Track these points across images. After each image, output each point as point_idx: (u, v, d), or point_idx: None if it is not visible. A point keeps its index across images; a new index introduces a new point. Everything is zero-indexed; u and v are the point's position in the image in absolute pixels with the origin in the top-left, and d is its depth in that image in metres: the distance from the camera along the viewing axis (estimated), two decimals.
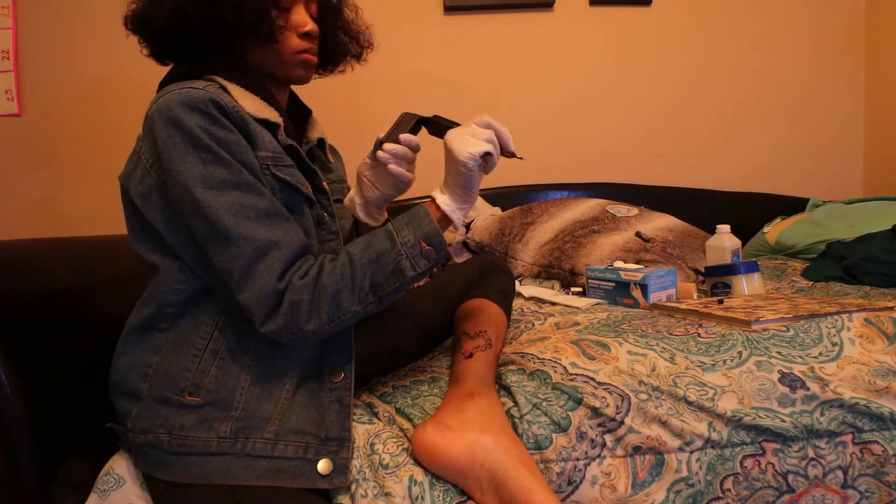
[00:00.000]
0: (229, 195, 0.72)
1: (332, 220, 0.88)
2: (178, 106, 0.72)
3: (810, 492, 0.79)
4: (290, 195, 0.80)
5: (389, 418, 0.83)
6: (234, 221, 0.71)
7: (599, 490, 0.77)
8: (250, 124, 0.77)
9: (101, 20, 1.98)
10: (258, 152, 0.77)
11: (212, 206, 0.71)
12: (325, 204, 0.88)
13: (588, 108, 2.19)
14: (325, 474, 0.72)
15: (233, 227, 0.71)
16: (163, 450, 0.74)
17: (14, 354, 0.76)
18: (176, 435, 0.73)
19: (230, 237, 0.71)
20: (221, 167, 0.72)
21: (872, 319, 0.92)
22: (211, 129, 0.72)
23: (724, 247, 1.37)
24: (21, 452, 0.75)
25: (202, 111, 0.72)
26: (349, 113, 2.01)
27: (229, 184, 0.72)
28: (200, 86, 0.74)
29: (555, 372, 0.84)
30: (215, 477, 0.72)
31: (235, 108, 0.75)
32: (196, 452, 0.73)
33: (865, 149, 2.29)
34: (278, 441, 0.73)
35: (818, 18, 2.22)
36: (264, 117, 0.79)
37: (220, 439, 0.73)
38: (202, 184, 0.71)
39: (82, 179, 2.03)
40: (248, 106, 0.78)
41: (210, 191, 0.71)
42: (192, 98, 0.72)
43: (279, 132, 0.81)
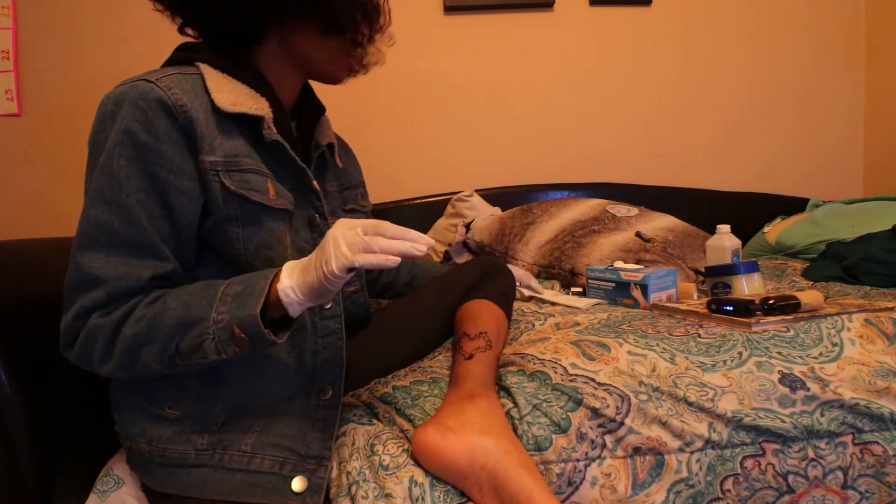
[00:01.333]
0: (96, 209, 0.69)
1: (325, 222, 0.84)
2: (122, 98, 0.70)
3: (810, 492, 0.79)
4: (240, 205, 0.74)
5: (389, 419, 0.83)
6: (82, 241, 0.69)
7: (599, 491, 0.77)
8: (200, 126, 0.72)
9: (101, 20, 1.97)
10: (203, 157, 0.72)
11: (82, 217, 0.70)
12: (317, 205, 0.83)
13: (588, 108, 2.19)
14: (299, 492, 0.71)
15: (77, 248, 0.69)
16: (144, 458, 0.74)
17: (14, 354, 0.76)
18: (155, 445, 0.73)
19: (73, 256, 0.70)
20: (105, 179, 0.69)
21: (873, 320, 0.92)
22: (135, 129, 0.69)
23: (724, 247, 1.37)
24: (21, 453, 0.75)
25: (140, 109, 0.69)
26: (348, 113, 2.01)
27: (104, 199, 0.69)
28: (159, 76, 0.72)
29: (555, 373, 0.84)
30: (192, 489, 0.71)
31: (184, 107, 0.71)
32: (174, 464, 0.72)
33: (865, 149, 2.28)
34: (255, 454, 0.73)
35: (818, 18, 2.22)
36: (241, 111, 0.75)
37: (197, 451, 0.72)
38: (91, 188, 0.70)
39: (82, 179, 2.02)
40: (223, 99, 0.75)
41: (89, 200, 0.70)
42: (138, 93, 0.70)
43: (263, 126, 0.77)
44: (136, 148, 0.69)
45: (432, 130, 2.14)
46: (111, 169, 0.69)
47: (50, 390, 0.81)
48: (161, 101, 0.70)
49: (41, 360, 0.80)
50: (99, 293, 0.68)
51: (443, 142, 2.15)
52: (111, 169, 0.69)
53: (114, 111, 0.70)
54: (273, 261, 0.76)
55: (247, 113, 0.76)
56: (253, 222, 0.76)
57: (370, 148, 2.09)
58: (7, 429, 0.75)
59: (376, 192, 2.07)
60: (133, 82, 0.71)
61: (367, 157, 1.20)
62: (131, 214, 0.69)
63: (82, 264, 0.68)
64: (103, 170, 0.69)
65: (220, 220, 0.74)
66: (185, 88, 0.73)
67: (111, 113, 0.70)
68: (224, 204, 0.73)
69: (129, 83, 0.71)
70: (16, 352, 0.77)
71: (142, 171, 0.69)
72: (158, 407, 0.74)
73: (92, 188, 0.70)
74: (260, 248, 0.76)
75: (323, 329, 0.82)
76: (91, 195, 0.70)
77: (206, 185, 0.73)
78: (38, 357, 0.80)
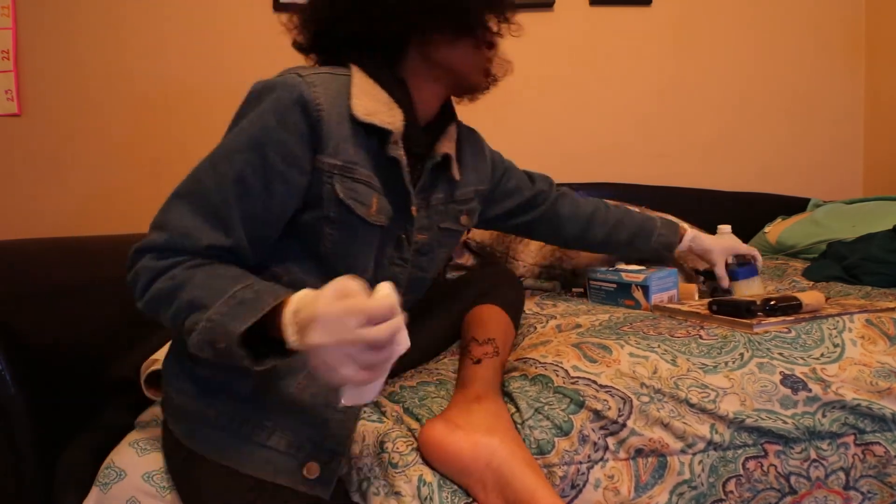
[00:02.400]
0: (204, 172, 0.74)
1: (409, 247, 0.85)
2: (268, 88, 0.74)
3: (812, 493, 0.79)
4: (342, 210, 0.77)
5: (397, 417, 0.83)
6: (180, 190, 0.73)
7: (603, 493, 0.77)
8: (330, 127, 0.75)
9: (101, 20, 1.97)
10: (324, 157, 0.75)
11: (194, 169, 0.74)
12: (408, 229, 0.85)
13: (588, 108, 2.19)
14: (310, 478, 0.72)
15: (174, 194, 0.73)
16: (175, 408, 0.77)
17: (16, 352, 0.76)
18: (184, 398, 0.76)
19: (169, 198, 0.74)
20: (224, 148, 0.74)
21: (874, 320, 0.92)
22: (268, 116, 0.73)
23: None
24: (24, 447, 0.76)
25: (280, 100, 0.73)
26: None
27: (213, 163, 0.74)
28: (309, 72, 0.76)
29: (556, 375, 0.84)
30: (213, 451, 0.72)
31: (319, 107, 0.74)
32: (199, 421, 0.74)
33: (865, 149, 2.28)
34: (275, 431, 0.73)
35: (818, 18, 2.22)
36: (373, 122, 0.77)
37: (218, 414, 0.74)
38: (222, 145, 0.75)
39: (82, 180, 2.03)
40: (361, 106, 0.77)
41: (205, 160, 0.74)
42: (284, 85, 0.74)
43: (390, 139, 0.79)
44: (262, 129, 0.73)
45: None
46: (232, 141, 0.74)
47: (51, 386, 0.81)
48: (301, 96, 0.73)
49: (43, 358, 0.81)
50: (160, 237, 0.71)
51: None
52: (232, 141, 0.74)
53: (259, 96, 0.75)
54: (355, 267, 0.79)
55: (377, 125, 0.78)
56: (348, 229, 0.79)
57: None
58: (10, 424, 0.75)
59: None
60: (283, 75, 0.76)
61: None
62: (225, 186, 0.73)
63: (168, 208, 0.73)
64: (229, 141, 0.74)
65: (320, 218, 0.77)
66: (328, 89, 0.76)
67: (256, 98, 0.75)
68: (329, 205, 0.77)
69: (280, 75, 0.76)
70: (18, 350, 0.77)
71: (258, 152, 0.73)
72: (193, 363, 0.77)
73: (213, 153, 0.75)
74: (348, 252, 0.80)
75: None
76: (209, 158, 0.74)
77: (318, 183, 0.76)
78: (39, 355, 0.80)
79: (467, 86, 0.90)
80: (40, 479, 0.77)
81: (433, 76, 0.85)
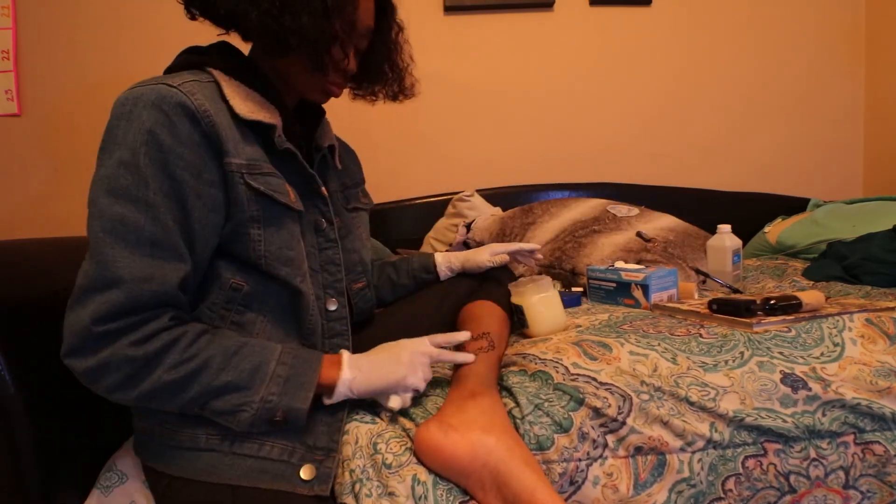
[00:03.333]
0: (122, 206, 0.67)
1: (331, 227, 0.87)
2: (141, 100, 0.69)
3: (812, 492, 0.79)
4: (265, 206, 0.76)
5: (392, 417, 0.83)
6: (104, 238, 0.66)
7: (601, 490, 0.77)
8: (223, 131, 0.73)
9: (101, 20, 1.97)
10: (230, 159, 0.73)
11: (98, 214, 0.67)
12: (324, 210, 0.87)
13: (588, 108, 2.19)
14: (307, 480, 0.72)
15: (98, 244, 0.67)
16: (156, 440, 0.75)
17: (16, 353, 0.76)
18: (168, 428, 0.74)
19: (92, 252, 0.67)
20: (130, 175, 0.67)
21: (874, 320, 0.92)
22: (158, 131, 0.68)
23: (724, 247, 1.38)
24: (24, 449, 0.76)
25: (163, 112, 0.69)
26: (349, 113, 2.01)
27: (129, 195, 0.67)
28: (179, 81, 0.72)
29: (556, 372, 0.84)
30: (202, 473, 0.72)
31: (207, 113, 0.71)
32: (185, 447, 0.73)
33: (865, 149, 2.29)
34: (265, 442, 0.73)
35: (818, 18, 2.22)
36: (257, 119, 0.77)
37: (208, 436, 0.73)
38: (106, 185, 0.68)
39: (82, 179, 2.02)
40: (240, 106, 0.76)
41: (107, 196, 0.67)
42: (160, 97, 0.69)
43: (275, 134, 0.79)
44: (159, 149, 0.68)
45: (433, 130, 2.14)
46: (137, 167, 0.68)
47: (52, 388, 0.81)
48: (184, 106, 0.70)
49: (43, 360, 0.81)
50: (118, 295, 0.66)
51: (443, 142, 2.15)
52: (137, 167, 0.68)
53: (131, 111, 0.69)
54: (293, 261, 0.78)
55: (262, 121, 0.78)
56: (274, 223, 0.77)
57: (371, 148, 2.09)
58: (10, 426, 0.75)
59: (377, 191, 2.07)
60: (152, 85, 0.70)
61: (368, 157, 1.20)
62: (159, 213, 0.68)
63: (106, 262, 0.66)
64: (127, 167, 0.68)
65: (242, 223, 0.75)
66: (206, 95, 0.73)
67: (128, 113, 0.69)
68: (248, 205, 0.75)
69: (148, 85, 0.70)
70: (18, 350, 0.77)
71: (164, 172, 0.69)
72: None
73: (112, 185, 0.68)
74: (281, 249, 0.78)
75: (329, 331, 0.85)
76: (110, 192, 0.67)
77: (231, 187, 0.74)
78: (39, 356, 0.80)
79: (306, 98, 0.89)
80: (41, 480, 0.77)
81: (278, 73, 0.85)
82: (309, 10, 0.75)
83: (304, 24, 0.75)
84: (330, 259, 0.86)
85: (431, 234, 1.98)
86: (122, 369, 0.66)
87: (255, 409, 0.70)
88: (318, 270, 0.85)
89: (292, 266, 0.78)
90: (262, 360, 0.72)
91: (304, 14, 0.74)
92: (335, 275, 0.87)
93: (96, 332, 0.65)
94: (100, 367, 0.66)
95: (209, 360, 0.69)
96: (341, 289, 0.87)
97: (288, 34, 0.75)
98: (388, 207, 2.08)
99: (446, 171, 2.15)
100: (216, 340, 0.71)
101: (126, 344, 0.66)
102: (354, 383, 0.75)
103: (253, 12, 0.74)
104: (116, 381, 0.67)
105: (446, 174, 2.15)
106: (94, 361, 0.66)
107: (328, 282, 0.86)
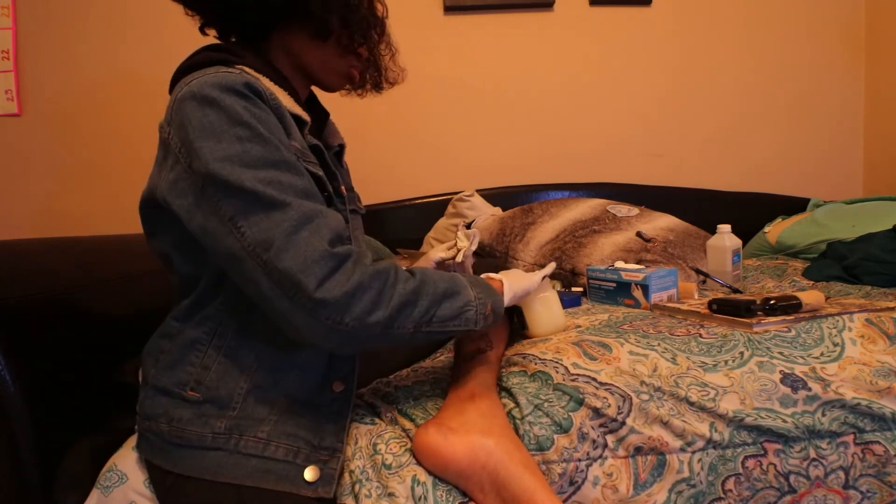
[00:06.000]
0: (267, 172, 0.67)
1: (347, 225, 0.86)
2: (213, 87, 0.68)
3: (812, 492, 0.79)
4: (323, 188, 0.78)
5: (392, 419, 0.83)
6: (275, 193, 0.66)
7: (601, 491, 0.77)
8: (285, 114, 0.75)
9: (101, 20, 1.97)
10: (292, 142, 0.74)
11: (248, 181, 0.65)
12: (342, 209, 0.86)
13: (588, 108, 2.19)
14: (311, 482, 0.72)
15: (275, 195, 0.66)
16: (162, 438, 0.75)
17: (16, 354, 0.76)
18: (175, 426, 0.74)
19: (273, 203, 0.65)
20: (259, 144, 0.68)
21: (874, 320, 0.92)
22: (250, 107, 0.69)
23: (724, 246, 1.38)
24: (24, 449, 0.76)
25: (239, 92, 0.69)
26: (349, 112, 2.01)
27: (268, 161, 0.67)
28: (235, 70, 0.72)
29: (556, 372, 0.84)
30: (207, 472, 0.72)
31: (273, 95, 0.73)
32: (191, 445, 0.73)
33: (865, 149, 2.29)
34: (270, 441, 0.73)
35: (818, 18, 2.22)
36: (296, 113, 0.78)
37: (214, 435, 0.73)
38: (239, 162, 0.66)
39: (82, 179, 2.03)
40: (281, 98, 0.77)
41: (247, 169, 0.66)
42: (227, 80, 0.69)
43: (305, 130, 0.80)
44: (261, 122, 0.69)
45: (433, 130, 2.14)
46: (260, 136, 0.68)
47: (53, 388, 0.81)
48: (252, 87, 0.70)
49: (43, 360, 0.81)
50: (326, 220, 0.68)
51: (443, 142, 2.15)
52: (260, 136, 0.68)
53: (215, 97, 0.68)
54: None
55: (300, 116, 0.79)
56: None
57: (371, 148, 2.09)
58: (10, 426, 0.75)
59: (377, 191, 2.07)
60: (212, 74, 0.70)
61: (368, 157, 1.20)
62: (298, 168, 0.71)
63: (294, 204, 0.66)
64: (250, 140, 0.67)
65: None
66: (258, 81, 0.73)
67: (212, 99, 0.68)
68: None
69: (207, 75, 0.70)
70: (19, 350, 0.77)
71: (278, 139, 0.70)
72: (182, 389, 0.75)
73: (245, 160, 0.66)
74: None
75: None
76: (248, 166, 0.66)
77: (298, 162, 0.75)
78: (39, 356, 0.80)
79: (324, 84, 0.90)
80: (41, 480, 0.77)
81: (294, 67, 0.86)
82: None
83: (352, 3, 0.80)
84: None
85: (431, 233, 1.98)
86: (374, 286, 0.66)
87: (474, 306, 0.75)
88: None
89: None
90: (448, 275, 0.77)
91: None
92: None
93: (339, 252, 0.66)
94: (356, 288, 0.65)
95: (422, 272, 0.74)
96: None
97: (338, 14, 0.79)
98: (388, 207, 2.08)
99: (446, 171, 2.15)
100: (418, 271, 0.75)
101: (367, 264, 0.68)
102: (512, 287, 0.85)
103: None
104: (371, 299, 0.66)
105: (446, 174, 2.15)
106: (351, 283, 0.65)
107: None
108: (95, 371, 0.88)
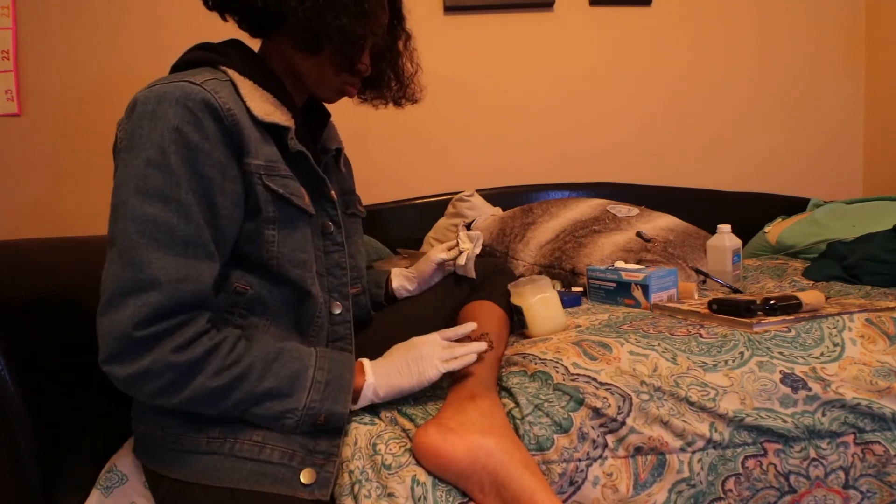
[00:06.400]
0: (153, 206, 0.67)
1: (339, 230, 0.87)
2: (165, 98, 0.69)
3: (812, 492, 0.79)
4: (281, 207, 0.77)
5: (391, 419, 0.83)
6: (137, 240, 0.66)
7: (601, 490, 0.77)
8: (245, 130, 0.73)
9: (101, 20, 1.97)
10: (249, 160, 0.74)
11: (129, 215, 0.67)
12: (332, 213, 0.87)
13: (588, 108, 2.19)
14: (308, 484, 0.72)
15: (130, 246, 0.66)
16: (157, 443, 0.75)
17: (16, 354, 0.76)
18: (168, 431, 0.74)
19: (122, 254, 0.66)
20: (161, 174, 0.67)
21: (874, 320, 0.92)
22: (186, 129, 0.68)
23: (724, 246, 1.38)
24: (24, 450, 0.76)
25: (189, 109, 0.69)
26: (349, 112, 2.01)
27: (160, 195, 0.67)
28: (201, 80, 0.72)
29: (556, 372, 0.84)
30: (203, 476, 0.72)
31: (231, 112, 0.72)
32: (186, 450, 0.73)
33: (865, 149, 2.29)
34: (265, 445, 0.73)
35: (818, 19, 2.22)
36: (273, 121, 0.77)
37: (209, 439, 0.73)
38: (135, 185, 0.67)
39: (82, 179, 2.03)
40: (257, 107, 0.76)
41: (137, 196, 0.67)
42: (184, 94, 0.69)
43: (289, 136, 0.79)
44: (187, 147, 0.68)
45: (433, 130, 2.14)
46: (167, 165, 0.67)
47: (53, 388, 0.81)
48: (209, 104, 0.70)
49: (43, 360, 0.81)
50: (156, 297, 0.65)
51: (444, 142, 2.15)
52: (167, 165, 0.67)
53: (156, 109, 0.68)
54: (305, 263, 0.80)
55: (278, 123, 0.78)
56: (288, 225, 0.78)
57: (371, 148, 2.09)
58: (10, 426, 0.75)
59: (377, 191, 2.07)
60: (174, 83, 0.70)
61: (369, 157, 1.20)
62: (191, 212, 0.68)
63: (141, 263, 0.65)
64: (157, 166, 0.67)
65: (260, 223, 0.76)
66: (227, 94, 0.74)
67: (152, 111, 0.68)
68: (265, 206, 0.75)
69: (170, 83, 0.70)
70: (19, 350, 0.77)
71: (193, 170, 0.69)
72: None
73: (142, 185, 0.67)
74: (294, 251, 0.79)
75: (334, 334, 0.85)
76: (140, 192, 0.67)
77: (250, 188, 0.75)
78: (40, 356, 0.80)
79: (315, 95, 0.90)
80: (41, 480, 0.77)
81: (287, 70, 0.86)
82: (350, 11, 0.78)
83: (345, 23, 0.77)
84: (336, 262, 0.86)
85: (431, 233, 1.98)
86: (165, 376, 0.66)
87: (298, 415, 0.72)
88: (323, 273, 0.85)
89: (304, 268, 0.79)
90: (301, 366, 0.73)
91: (345, 14, 0.77)
92: (340, 278, 0.87)
93: (138, 336, 0.64)
94: (142, 373, 0.65)
95: (250, 366, 0.70)
96: (346, 292, 0.87)
97: (330, 31, 0.77)
98: (389, 207, 2.08)
99: (446, 170, 2.15)
100: (255, 346, 0.73)
101: (169, 350, 0.66)
102: (378, 387, 0.78)
103: (299, 7, 0.76)
104: (159, 387, 0.66)
105: (446, 174, 2.15)
106: (136, 368, 0.65)
107: (333, 285, 0.86)
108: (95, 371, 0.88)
